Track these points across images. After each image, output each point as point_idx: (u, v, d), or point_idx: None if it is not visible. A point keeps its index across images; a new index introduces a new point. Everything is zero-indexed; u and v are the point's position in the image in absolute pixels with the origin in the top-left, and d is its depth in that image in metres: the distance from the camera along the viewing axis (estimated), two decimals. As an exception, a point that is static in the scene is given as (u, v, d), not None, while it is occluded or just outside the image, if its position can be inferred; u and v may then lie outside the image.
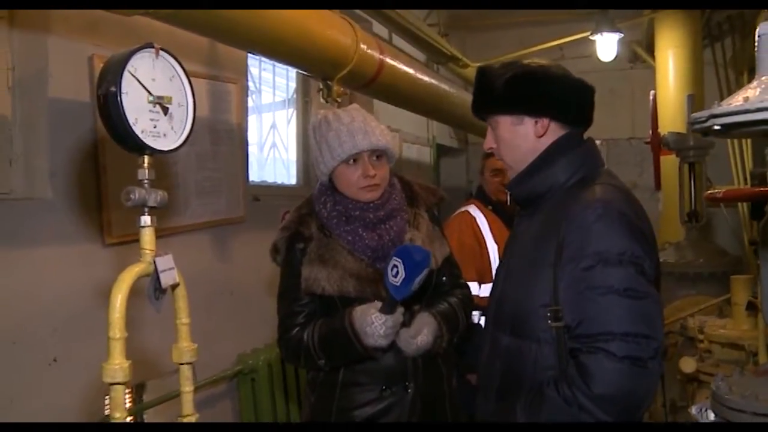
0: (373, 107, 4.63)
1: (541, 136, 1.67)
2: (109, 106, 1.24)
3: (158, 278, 1.32)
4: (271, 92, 4.60)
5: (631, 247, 1.50)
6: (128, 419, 2.82)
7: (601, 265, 1.48)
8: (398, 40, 5.03)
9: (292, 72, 4.76)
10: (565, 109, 1.67)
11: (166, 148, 1.36)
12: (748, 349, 3.11)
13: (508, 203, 3.11)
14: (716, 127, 1.23)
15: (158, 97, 1.32)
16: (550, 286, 1.54)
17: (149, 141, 1.31)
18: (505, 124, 1.70)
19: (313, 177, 4.95)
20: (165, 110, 1.34)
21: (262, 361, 3.64)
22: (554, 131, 1.67)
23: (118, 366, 1.25)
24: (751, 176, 2.83)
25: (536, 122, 1.66)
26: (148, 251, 1.36)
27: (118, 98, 1.23)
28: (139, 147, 1.31)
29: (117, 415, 1.24)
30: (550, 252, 1.55)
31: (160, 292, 1.33)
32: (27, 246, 2.54)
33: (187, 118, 1.40)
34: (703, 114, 1.28)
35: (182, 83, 1.39)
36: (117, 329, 1.25)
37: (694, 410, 2.41)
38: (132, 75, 1.27)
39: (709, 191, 3.53)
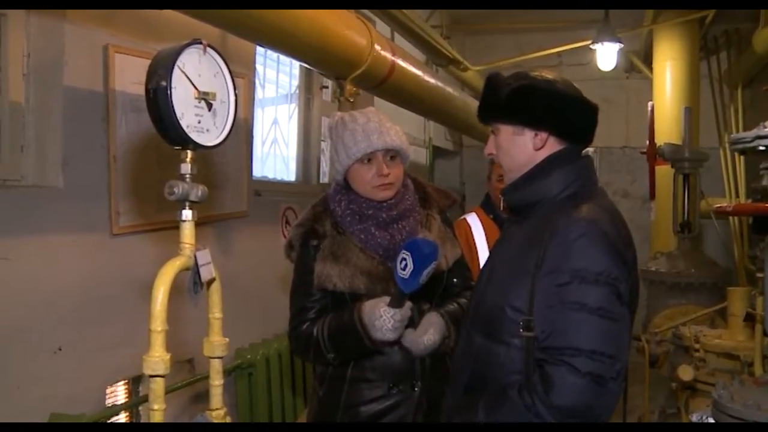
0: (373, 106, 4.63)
1: (539, 149, 1.69)
2: (158, 100, 1.25)
3: (198, 272, 1.33)
4: (274, 88, 4.60)
5: (609, 268, 1.52)
6: (124, 415, 2.85)
7: (577, 282, 1.51)
8: (398, 40, 5.04)
9: (295, 69, 4.76)
10: (565, 125, 1.70)
11: (208, 143, 1.37)
12: (743, 359, 3.17)
13: (501, 208, 3.12)
14: (761, 148, 1.26)
15: (204, 93, 1.33)
16: (526, 294, 1.57)
17: (193, 135, 1.33)
18: (505, 132, 1.72)
19: (313, 174, 4.99)
20: (209, 106, 1.35)
21: (260, 356, 3.64)
22: (552, 145, 1.70)
23: (159, 358, 1.25)
24: (752, 191, 2.87)
25: (535, 135, 1.69)
26: (188, 245, 1.37)
27: (168, 93, 1.24)
28: (183, 141, 1.32)
29: (156, 407, 1.24)
30: (531, 262, 1.58)
31: (199, 286, 1.33)
32: (36, 233, 2.53)
33: (228, 115, 1.41)
34: (749, 135, 1.31)
35: (225, 80, 1.40)
36: (159, 322, 1.26)
37: (694, 418, 2.46)
38: (181, 70, 1.28)
39: (717, 204, 3.59)
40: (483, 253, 3.12)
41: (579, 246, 1.53)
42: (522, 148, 1.70)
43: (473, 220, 3.21)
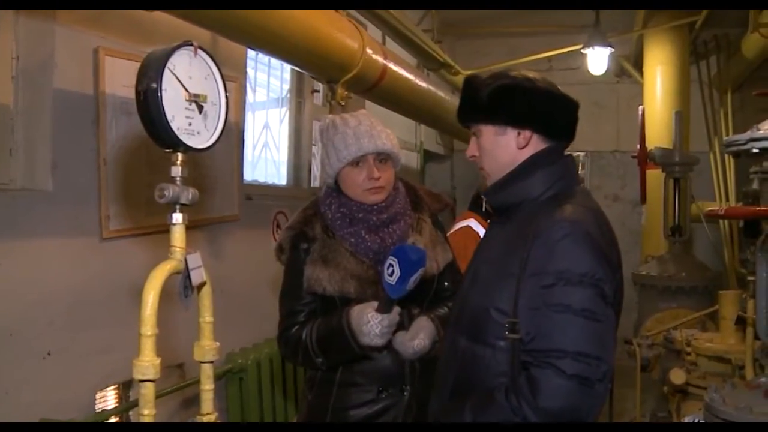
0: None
1: (523, 147, 1.68)
2: (149, 103, 1.23)
3: (189, 276, 1.32)
4: (265, 92, 4.59)
5: (594, 269, 1.52)
6: (115, 420, 2.83)
7: (561, 283, 1.50)
8: (390, 44, 5.03)
9: (286, 73, 4.75)
10: (548, 123, 1.69)
11: (199, 146, 1.36)
12: (734, 362, 3.18)
13: (483, 209, 3.10)
14: (755, 150, 1.27)
15: (195, 95, 1.32)
16: (511, 297, 1.57)
17: (184, 138, 1.32)
18: (488, 133, 1.71)
19: (304, 178, 4.98)
20: (200, 108, 1.34)
21: (251, 360, 3.62)
22: (536, 144, 1.69)
23: (149, 363, 1.23)
24: (743, 194, 2.89)
25: (519, 134, 1.68)
26: (178, 249, 1.36)
27: (159, 95, 1.23)
28: (174, 144, 1.31)
29: (146, 412, 1.23)
30: (515, 263, 1.57)
31: (189, 290, 1.32)
32: (25, 237, 2.50)
33: (219, 117, 1.40)
34: (742, 137, 1.32)
35: (216, 82, 1.39)
36: (149, 326, 1.24)
37: (687, 421, 2.47)
38: (171, 72, 1.27)
39: (709, 208, 3.61)
40: None
41: (563, 247, 1.53)
42: (505, 148, 1.69)
43: (478, 228, 3.18)
